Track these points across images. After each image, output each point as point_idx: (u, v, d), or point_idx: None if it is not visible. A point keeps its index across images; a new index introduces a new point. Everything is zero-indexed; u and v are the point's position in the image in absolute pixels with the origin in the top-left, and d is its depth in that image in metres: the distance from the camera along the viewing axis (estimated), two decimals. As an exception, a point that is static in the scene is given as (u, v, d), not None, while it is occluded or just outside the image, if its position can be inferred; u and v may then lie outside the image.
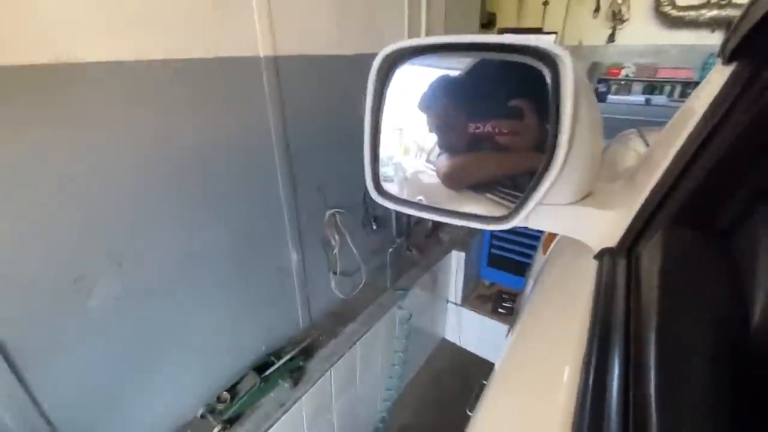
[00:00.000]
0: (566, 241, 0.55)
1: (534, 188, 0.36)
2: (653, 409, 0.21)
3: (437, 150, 0.54)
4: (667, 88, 3.63)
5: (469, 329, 2.83)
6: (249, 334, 1.58)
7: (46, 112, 0.88)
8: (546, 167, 0.35)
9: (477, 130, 0.48)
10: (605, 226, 0.38)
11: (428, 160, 0.56)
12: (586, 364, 0.27)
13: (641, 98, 3.58)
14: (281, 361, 1.59)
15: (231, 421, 1.43)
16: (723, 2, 3.17)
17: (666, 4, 3.31)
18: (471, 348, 2.89)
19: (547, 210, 0.39)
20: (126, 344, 1.16)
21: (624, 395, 0.23)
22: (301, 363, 1.66)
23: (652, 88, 3.65)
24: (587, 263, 0.39)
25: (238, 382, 1.52)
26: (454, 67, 0.48)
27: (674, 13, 3.30)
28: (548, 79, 0.34)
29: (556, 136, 0.34)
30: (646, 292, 0.28)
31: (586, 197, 0.40)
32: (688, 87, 3.62)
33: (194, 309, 1.33)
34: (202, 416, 1.41)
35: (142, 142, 1.06)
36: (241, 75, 1.26)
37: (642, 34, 3.61)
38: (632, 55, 3.70)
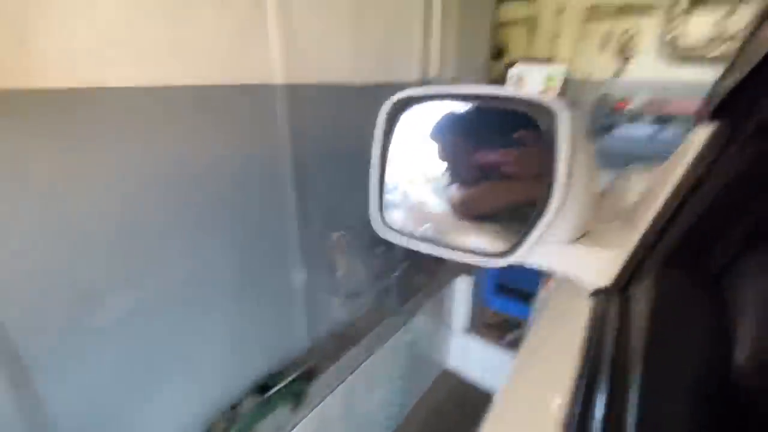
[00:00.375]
0: (562, 283, 0.56)
1: (532, 227, 0.38)
2: None
3: (446, 180, 0.56)
4: (674, 122, 3.65)
5: (473, 358, 2.77)
6: (251, 355, 1.57)
7: (68, 134, 0.93)
8: (543, 208, 0.37)
9: (485, 159, 0.50)
10: (600, 265, 0.39)
11: (435, 190, 0.58)
12: (572, 400, 0.28)
13: (648, 132, 3.60)
14: (283, 383, 1.58)
15: (228, 444, 1.41)
16: (731, 38, 3.22)
17: (674, 40, 3.37)
18: (475, 377, 2.82)
19: (545, 248, 0.41)
20: (125, 362, 1.17)
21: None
22: (302, 387, 1.64)
23: (660, 120, 3.67)
24: (583, 301, 0.40)
25: (239, 403, 1.50)
26: (460, 107, 0.52)
27: (682, 47, 3.36)
28: (544, 128, 0.37)
29: (553, 181, 0.36)
30: (634, 334, 0.29)
31: (583, 236, 0.41)
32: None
33: (197, 327, 1.34)
34: (201, 438, 1.39)
35: (157, 164, 1.10)
36: (256, 101, 1.31)
37: (649, 69, 3.66)
38: (639, 89, 3.74)
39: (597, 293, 0.38)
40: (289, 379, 1.60)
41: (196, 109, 1.15)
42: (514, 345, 2.62)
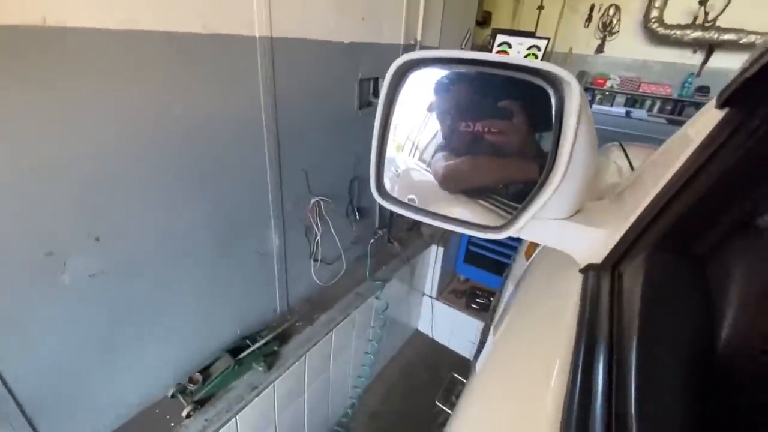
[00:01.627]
0: (550, 250, 0.58)
1: (530, 202, 0.38)
2: (633, 419, 0.24)
3: (432, 149, 0.55)
4: (648, 102, 3.77)
5: (442, 322, 2.90)
6: (225, 316, 1.57)
7: (27, 76, 0.84)
8: (543, 183, 0.37)
9: (467, 129, 0.50)
10: (592, 242, 0.41)
11: (422, 159, 0.57)
12: (574, 370, 0.30)
13: (622, 110, 3.71)
14: (256, 345, 1.59)
15: (202, 402, 1.43)
16: (707, 24, 3.30)
17: (654, 20, 3.41)
18: (443, 341, 2.97)
19: (539, 223, 0.41)
20: (98, 321, 1.14)
21: (608, 401, 0.26)
22: (276, 348, 1.67)
23: (633, 101, 3.78)
24: (573, 276, 0.42)
25: (211, 364, 1.51)
26: (464, 74, 0.50)
27: (661, 30, 3.41)
28: (553, 100, 0.36)
29: (556, 154, 0.36)
30: (628, 309, 0.31)
31: (575, 213, 0.42)
32: (666, 103, 3.77)
33: (171, 288, 1.31)
34: (173, 396, 1.40)
35: (128, 114, 1.02)
36: (236, 54, 1.22)
37: (629, 48, 3.72)
38: (618, 67, 3.81)
39: (588, 269, 0.40)
40: (264, 340, 1.62)
41: (169, 58, 1.06)
42: (480, 311, 2.75)
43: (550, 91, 0.37)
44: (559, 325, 0.36)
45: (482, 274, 2.88)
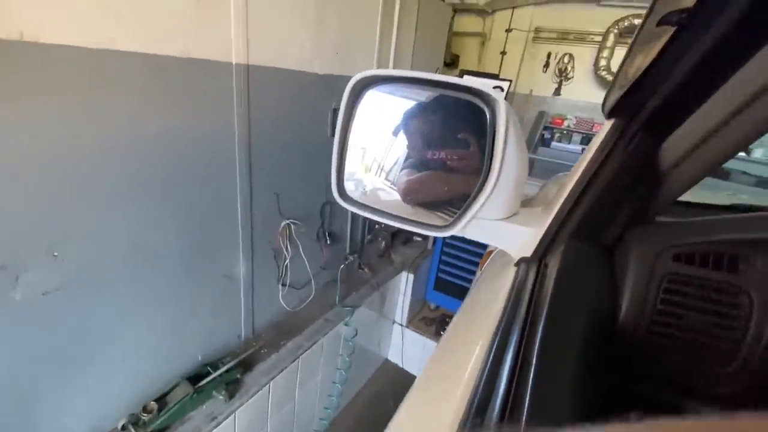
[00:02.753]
0: (497, 257, 0.63)
1: (471, 203, 0.44)
2: (527, 401, 0.26)
3: (397, 168, 0.60)
4: (601, 141, 4.10)
5: (412, 351, 2.88)
6: (187, 340, 1.51)
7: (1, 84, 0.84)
8: (481, 186, 0.43)
9: (433, 157, 0.56)
10: (525, 239, 0.46)
11: (387, 178, 0.62)
12: (486, 355, 0.33)
13: (579, 147, 4.00)
14: (217, 372, 1.53)
15: (156, 434, 1.35)
16: (648, 74, 3.70)
17: (603, 69, 3.78)
18: (413, 370, 2.93)
19: (481, 223, 0.46)
20: (48, 341, 1.08)
21: (510, 383, 0.28)
22: (238, 375, 1.61)
23: (588, 139, 4.10)
24: (508, 270, 0.47)
25: (168, 392, 1.44)
26: (416, 98, 0.57)
27: (609, 77, 3.78)
28: (487, 116, 0.43)
29: (491, 161, 0.42)
30: (544, 294, 0.35)
31: (512, 216, 0.48)
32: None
33: (130, 309, 1.26)
34: (123, 428, 1.31)
35: (98, 130, 1.03)
36: (212, 78, 1.27)
37: (583, 92, 4.07)
38: (574, 109, 4.15)
39: (519, 262, 0.45)
40: (225, 367, 1.56)
41: (144, 78, 1.09)
42: (450, 338, 2.76)
43: (486, 109, 0.43)
44: (489, 317, 0.40)
45: (452, 302, 2.92)
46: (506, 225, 0.46)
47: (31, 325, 1.03)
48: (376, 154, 0.61)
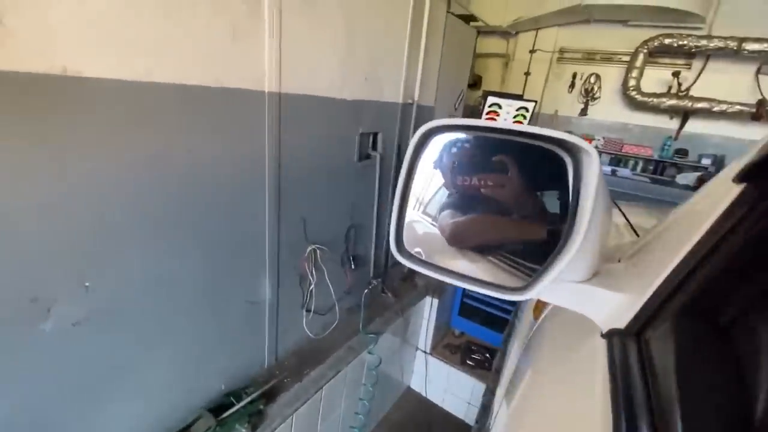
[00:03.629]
0: (560, 310, 0.57)
1: (550, 266, 0.38)
2: None
3: (438, 205, 0.56)
4: (631, 162, 3.96)
5: (436, 379, 2.77)
6: (209, 370, 1.47)
7: (38, 121, 0.85)
8: (563, 247, 0.37)
9: (465, 183, 0.51)
10: (613, 306, 0.40)
11: (425, 212, 0.58)
12: None
13: (608, 169, 3.88)
14: (241, 404, 1.48)
15: (177, 469, 1.30)
16: (681, 94, 3.57)
17: (632, 89, 3.69)
18: (436, 400, 2.81)
19: (559, 286, 0.41)
20: (74, 372, 1.06)
21: None
22: (261, 406, 1.55)
23: (617, 160, 3.98)
24: (595, 341, 0.41)
25: (191, 424, 1.40)
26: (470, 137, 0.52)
27: (639, 98, 3.68)
28: (570, 168, 0.38)
29: (575, 219, 0.37)
30: (662, 377, 0.30)
31: (593, 276, 0.42)
32: (648, 164, 3.96)
33: (154, 338, 1.24)
34: (145, 461, 1.27)
35: (130, 162, 1.03)
36: (244, 107, 1.27)
37: (610, 112, 3.99)
38: (602, 129, 4.05)
39: (611, 335, 0.39)
40: (249, 398, 1.51)
41: (179, 109, 1.09)
42: (475, 368, 2.64)
43: (567, 159, 0.38)
44: (587, 395, 0.34)
45: (478, 329, 2.80)
46: (589, 288, 0.41)
47: (60, 355, 1.01)
48: (425, 194, 0.56)
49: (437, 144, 0.49)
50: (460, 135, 0.47)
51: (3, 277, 0.88)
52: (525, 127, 0.38)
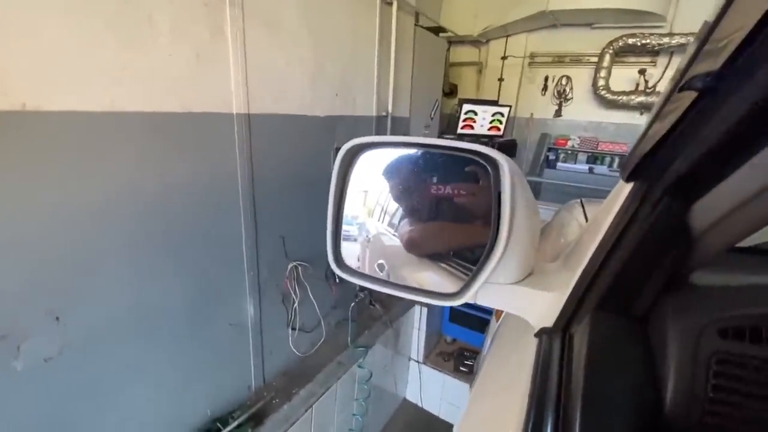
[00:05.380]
0: (512, 314, 0.59)
1: (480, 269, 0.40)
2: None
3: (399, 215, 0.57)
4: (607, 159, 4.05)
5: (431, 388, 2.75)
6: (194, 396, 1.45)
7: (2, 155, 0.85)
8: (490, 251, 0.39)
9: (439, 192, 0.53)
10: (543, 306, 0.42)
11: (390, 224, 0.59)
12: None
13: (585, 167, 3.96)
14: (227, 429, 1.46)
15: (163, 502, 1.27)
16: (649, 90, 3.68)
17: (602, 88, 3.80)
18: (432, 409, 2.79)
19: (493, 288, 0.43)
20: (49, 409, 1.04)
21: None
22: (250, 430, 1.53)
23: (594, 158, 4.06)
24: (530, 339, 0.42)
25: (176, 454, 1.37)
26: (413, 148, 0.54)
27: (609, 96, 3.79)
28: (491, 176, 0.40)
29: (498, 225, 0.38)
30: (575, 373, 0.31)
31: (527, 277, 0.44)
32: (624, 159, 4.05)
33: (136, 367, 1.22)
34: (130, 497, 1.24)
35: (98, 191, 1.03)
36: (213, 130, 1.28)
37: (584, 111, 4.09)
38: (577, 129, 4.14)
39: (541, 333, 0.41)
40: (236, 423, 1.49)
41: (145, 135, 1.10)
42: (469, 374, 2.64)
43: (489, 168, 0.40)
44: (517, 392, 0.36)
45: (469, 334, 2.81)
46: (521, 289, 0.42)
47: (34, 393, 0.99)
48: (379, 201, 0.58)
49: (377, 157, 0.51)
50: (387, 151, 0.49)
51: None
52: (438, 141, 0.40)
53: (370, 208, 0.59)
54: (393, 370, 2.61)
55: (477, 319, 2.74)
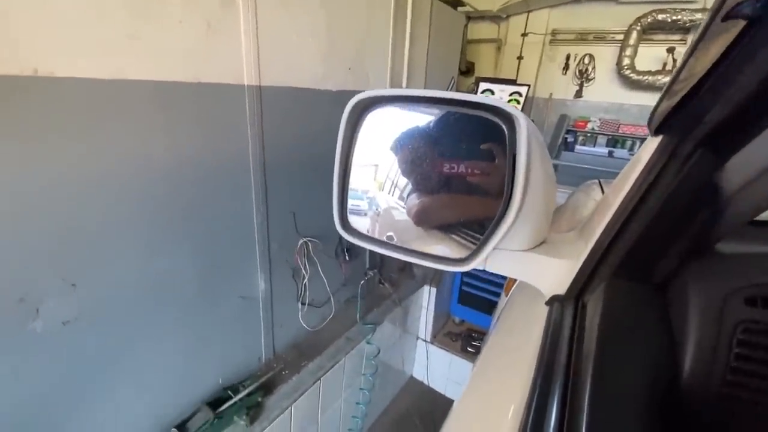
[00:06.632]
0: (524, 284, 0.57)
1: (491, 234, 0.38)
2: None
3: (409, 188, 0.56)
4: (628, 142, 3.91)
5: (437, 368, 2.78)
6: (207, 364, 1.49)
7: (11, 123, 0.85)
8: (502, 215, 0.37)
9: (452, 170, 0.51)
10: (556, 273, 0.40)
11: (400, 198, 0.58)
12: (528, 406, 0.28)
13: (605, 150, 3.84)
14: (238, 396, 1.51)
15: (177, 462, 1.32)
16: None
17: (626, 68, 3.63)
18: (439, 388, 2.83)
19: (504, 255, 0.41)
20: (69, 371, 1.08)
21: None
22: (259, 399, 1.57)
23: (614, 141, 3.93)
24: (540, 308, 0.41)
25: (189, 418, 1.42)
26: (426, 112, 0.52)
27: (633, 76, 3.62)
28: (506, 135, 0.38)
29: (512, 187, 0.36)
30: (587, 341, 0.29)
31: (540, 245, 0.42)
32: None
33: (149, 335, 1.25)
34: (146, 456, 1.30)
35: (111, 160, 1.04)
36: (223, 101, 1.27)
37: (606, 92, 3.93)
38: (597, 110, 4.00)
39: (552, 301, 0.39)
40: (246, 391, 1.53)
41: (156, 105, 1.09)
42: (477, 354, 2.65)
43: (504, 127, 0.38)
44: (524, 360, 0.35)
45: (477, 315, 2.81)
46: (534, 256, 0.40)
47: (53, 354, 1.03)
48: (389, 174, 0.56)
49: (391, 121, 0.49)
50: (405, 117, 0.47)
51: (-11, 278, 0.89)
52: (447, 93, 0.38)
53: (380, 181, 0.58)
54: (401, 348, 2.64)
55: (486, 302, 2.73)
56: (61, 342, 1.04)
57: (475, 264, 0.40)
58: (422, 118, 0.52)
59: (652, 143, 0.34)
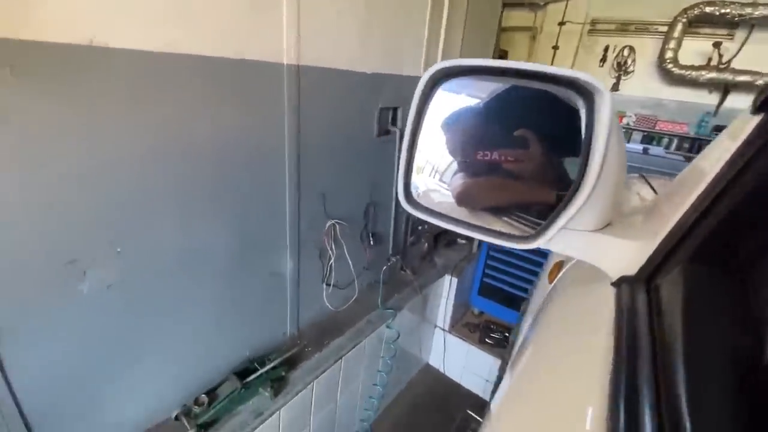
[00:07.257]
0: (575, 271, 0.56)
1: (560, 213, 0.38)
2: None
3: (453, 170, 0.56)
4: (665, 140, 3.77)
5: (454, 357, 2.80)
6: (235, 337, 1.55)
7: (67, 91, 0.89)
8: (574, 193, 0.37)
9: (485, 158, 0.50)
10: (624, 255, 0.40)
11: (442, 179, 0.57)
12: (615, 388, 0.27)
13: (640, 147, 3.71)
14: (264, 369, 1.55)
15: (206, 426, 1.38)
16: (722, 66, 3.34)
17: (669, 61, 3.47)
18: (454, 376, 2.85)
19: (570, 235, 0.41)
20: (109, 333, 1.13)
21: (659, 427, 0.23)
22: (284, 373, 1.62)
23: (650, 138, 3.79)
24: (603, 290, 0.40)
25: (218, 386, 1.48)
26: (477, 96, 0.52)
27: (676, 71, 3.46)
28: (582, 111, 0.37)
29: (586, 164, 0.36)
30: (669, 323, 0.29)
31: (606, 226, 0.42)
32: (683, 141, 3.75)
33: (184, 304, 1.30)
34: (176, 418, 1.36)
35: (156, 131, 1.07)
36: (263, 79, 1.28)
37: (644, 87, 3.78)
38: (634, 105, 3.85)
39: (621, 282, 0.38)
40: (272, 364, 1.58)
41: (200, 80, 1.12)
42: (494, 347, 2.65)
43: (580, 102, 0.37)
44: (590, 344, 0.34)
45: (497, 308, 2.79)
46: (602, 237, 0.40)
47: (95, 316, 1.09)
48: (433, 154, 0.56)
49: (444, 102, 0.49)
50: (465, 97, 0.46)
51: (42, 240, 0.94)
52: (532, 65, 0.37)
53: (424, 160, 0.57)
54: (419, 334, 2.66)
55: (507, 295, 2.71)
56: (104, 303, 1.09)
57: (541, 242, 0.40)
58: (471, 102, 0.52)
59: (751, 122, 0.32)
